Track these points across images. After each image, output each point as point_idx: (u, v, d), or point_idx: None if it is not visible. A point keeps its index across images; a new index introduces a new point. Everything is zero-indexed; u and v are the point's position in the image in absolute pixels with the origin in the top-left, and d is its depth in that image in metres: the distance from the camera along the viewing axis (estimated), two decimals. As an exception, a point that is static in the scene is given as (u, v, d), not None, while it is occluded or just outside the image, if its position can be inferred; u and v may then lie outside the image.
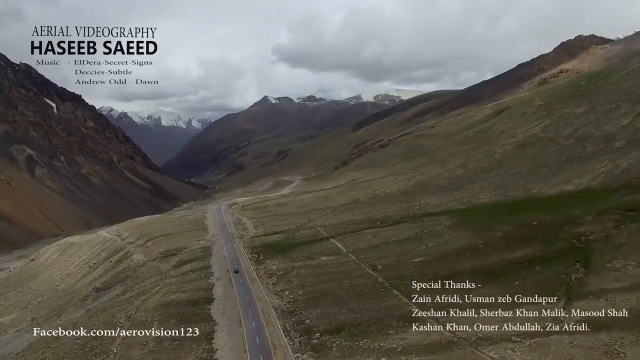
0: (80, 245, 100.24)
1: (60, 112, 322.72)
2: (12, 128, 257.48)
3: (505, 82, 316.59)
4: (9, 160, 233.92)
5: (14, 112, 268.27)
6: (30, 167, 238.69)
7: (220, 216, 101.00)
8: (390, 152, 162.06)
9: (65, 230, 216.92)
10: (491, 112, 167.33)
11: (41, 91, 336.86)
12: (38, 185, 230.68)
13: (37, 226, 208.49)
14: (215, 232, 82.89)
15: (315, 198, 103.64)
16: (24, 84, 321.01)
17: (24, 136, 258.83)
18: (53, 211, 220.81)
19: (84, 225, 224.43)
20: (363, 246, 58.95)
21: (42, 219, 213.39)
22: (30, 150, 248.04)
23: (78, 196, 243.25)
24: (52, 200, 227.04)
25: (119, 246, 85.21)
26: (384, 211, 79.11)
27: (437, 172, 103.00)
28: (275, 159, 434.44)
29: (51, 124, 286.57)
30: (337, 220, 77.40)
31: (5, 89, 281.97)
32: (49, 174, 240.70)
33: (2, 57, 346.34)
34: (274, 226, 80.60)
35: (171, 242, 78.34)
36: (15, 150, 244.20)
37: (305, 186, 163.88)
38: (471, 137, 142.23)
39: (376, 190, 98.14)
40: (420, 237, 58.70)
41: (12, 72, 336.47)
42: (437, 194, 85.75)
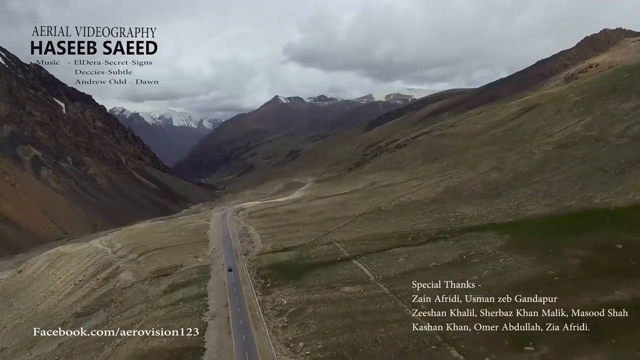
0: (70, 257, 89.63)
1: (69, 112, 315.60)
2: (19, 128, 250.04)
3: (525, 79, 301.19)
4: (15, 161, 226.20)
5: (21, 112, 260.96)
6: (36, 168, 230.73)
7: (224, 225, 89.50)
8: (409, 152, 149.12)
9: (69, 233, 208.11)
10: (518, 109, 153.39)
11: (50, 91, 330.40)
12: (43, 187, 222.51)
13: (41, 229, 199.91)
14: (217, 246, 71.25)
15: (331, 205, 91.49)
16: (33, 84, 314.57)
17: (30, 136, 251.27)
18: (58, 213, 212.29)
19: (90, 228, 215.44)
20: (395, 272, 46.66)
21: (46, 222, 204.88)
22: (36, 151, 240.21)
23: (84, 198, 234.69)
24: (57, 202, 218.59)
25: (109, 260, 74.13)
26: (414, 223, 66.63)
27: (469, 176, 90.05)
28: (286, 160, 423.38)
29: (59, 124, 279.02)
30: (359, 234, 65.16)
31: (14, 89, 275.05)
32: (55, 175, 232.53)
33: (13, 58, 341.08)
34: (284, 240, 68.65)
35: (166, 258, 66.91)
36: (21, 150, 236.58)
37: (318, 189, 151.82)
38: (499, 136, 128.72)
39: (400, 196, 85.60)
40: (467, 261, 46.24)
41: (22, 72, 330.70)
42: (474, 202, 73.00)
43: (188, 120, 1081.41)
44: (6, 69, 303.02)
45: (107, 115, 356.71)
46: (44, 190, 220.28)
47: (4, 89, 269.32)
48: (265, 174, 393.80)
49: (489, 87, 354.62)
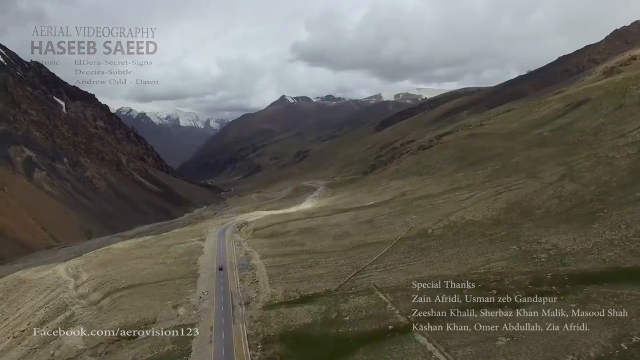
0: (29, 287, 70.06)
1: (69, 111, 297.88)
2: (13, 127, 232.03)
3: (549, 75, 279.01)
4: (5, 163, 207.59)
5: (16, 111, 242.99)
6: (29, 170, 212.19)
7: (222, 247, 69.44)
8: (438, 155, 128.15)
9: (61, 241, 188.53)
10: (561, 105, 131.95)
11: (50, 89, 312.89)
12: (35, 190, 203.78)
13: (29, 237, 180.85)
14: (208, 285, 51.05)
15: (356, 222, 71.04)
16: (32, 82, 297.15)
17: (24, 136, 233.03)
18: (49, 219, 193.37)
19: (84, 235, 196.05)
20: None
21: (35, 229, 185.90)
22: (29, 152, 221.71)
23: (79, 202, 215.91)
24: (49, 207, 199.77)
25: (65, 301, 54.28)
26: (485, 259, 46.07)
27: (533, 187, 69.22)
28: (294, 160, 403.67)
29: (56, 123, 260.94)
30: (409, 276, 44.71)
31: (9, 87, 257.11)
32: (49, 178, 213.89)
33: (12, 55, 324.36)
34: (301, 280, 48.40)
35: (135, 306, 46.95)
36: (13, 151, 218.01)
37: (333, 197, 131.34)
38: (549, 136, 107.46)
39: (448, 214, 64.94)
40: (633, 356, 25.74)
41: (21, 70, 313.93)
42: (559, 226, 52.22)
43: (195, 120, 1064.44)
44: (4, 66, 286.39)
45: (110, 114, 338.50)
46: (36, 194, 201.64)
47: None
48: (272, 175, 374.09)
49: (508, 84, 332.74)
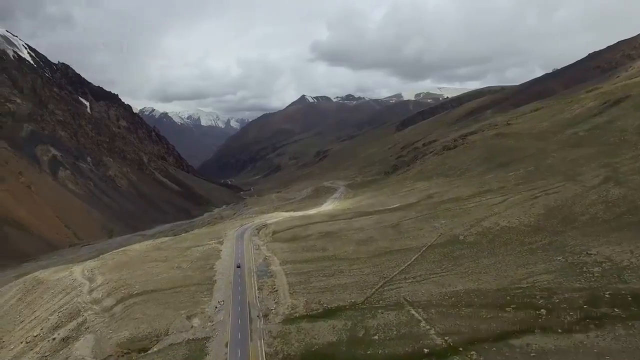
0: (46, 288, 68.78)
1: (93, 111, 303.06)
2: (40, 127, 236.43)
3: (579, 73, 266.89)
4: (32, 162, 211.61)
5: (43, 111, 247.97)
6: (54, 169, 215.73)
7: (240, 251, 66.48)
8: (464, 155, 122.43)
9: (84, 239, 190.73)
10: (597, 103, 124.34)
11: (76, 90, 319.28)
12: (59, 189, 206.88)
13: (53, 235, 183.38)
14: (225, 293, 47.96)
15: (381, 227, 66.90)
16: (59, 83, 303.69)
17: (51, 136, 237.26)
18: (72, 218, 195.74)
19: (105, 233, 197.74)
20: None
21: (59, 227, 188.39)
22: (55, 151, 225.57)
23: (102, 200, 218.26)
24: (73, 206, 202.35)
25: (78, 306, 52.17)
26: (527, 272, 41.37)
27: (573, 191, 63.61)
28: (314, 160, 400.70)
29: (81, 122, 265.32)
30: (441, 289, 40.46)
31: (37, 88, 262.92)
32: (73, 176, 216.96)
33: (41, 57, 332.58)
34: (324, 290, 44.74)
35: (148, 315, 44.22)
36: (39, 150, 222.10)
37: (354, 197, 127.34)
38: (585, 136, 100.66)
39: (480, 219, 60.13)
40: None
41: (49, 71, 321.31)
42: (610, 235, 46.96)
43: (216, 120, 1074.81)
44: (34, 67, 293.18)
45: (132, 114, 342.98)
46: (60, 192, 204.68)
47: (29, 88, 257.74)
48: (292, 175, 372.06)
49: (533, 83, 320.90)
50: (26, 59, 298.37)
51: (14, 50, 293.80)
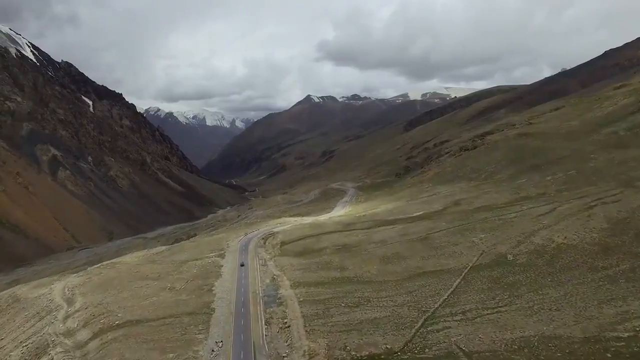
0: (22, 308, 59.44)
1: (96, 110, 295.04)
2: (40, 126, 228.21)
3: (597, 71, 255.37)
4: (31, 161, 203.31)
5: (44, 110, 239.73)
6: (53, 169, 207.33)
7: (244, 271, 56.74)
8: (486, 157, 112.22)
9: (82, 242, 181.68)
10: (633, 100, 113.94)
11: (79, 89, 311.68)
12: (59, 190, 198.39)
13: (51, 237, 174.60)
14: (224, 331, 38.32)
15: (407, 241, 57.09)
16: (62, 82, 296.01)
17: (51, 135, 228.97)
18: (71, 220, 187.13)
19: (105, 236, 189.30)
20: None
21: (57, 229, 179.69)
22: (55, 151, 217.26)
23: (102, 201, 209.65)
24: (72, 207, 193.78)
25: (47, 340, 42.73)
26: (620, 312, 31.43)
27: (638, 201, 53.60)
28: (320, 160, 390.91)
29: (82, 122, 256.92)
30: (505, 334, 30.63)
31: (39, 86, 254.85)
32: (73, 177, 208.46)
33: (45, 55, 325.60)
34: (348, 330, 35.01)
35: (128, 359, 34.74)
36: (39, 150, 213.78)
37: (366, 202, 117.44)
38: (626, 135, 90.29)
39: (529, 234, 50.18)
40: None
41: (52, 70, 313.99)
42: None
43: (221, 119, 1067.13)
44: (36, 66, 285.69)
45: (136, 113, 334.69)
46: (59, 193, 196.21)
47: (30, 86, 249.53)
48: (298, 175, 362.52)
49: (546, 82, 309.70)
50: (29, 57, 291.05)
51: (17, 48, 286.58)
